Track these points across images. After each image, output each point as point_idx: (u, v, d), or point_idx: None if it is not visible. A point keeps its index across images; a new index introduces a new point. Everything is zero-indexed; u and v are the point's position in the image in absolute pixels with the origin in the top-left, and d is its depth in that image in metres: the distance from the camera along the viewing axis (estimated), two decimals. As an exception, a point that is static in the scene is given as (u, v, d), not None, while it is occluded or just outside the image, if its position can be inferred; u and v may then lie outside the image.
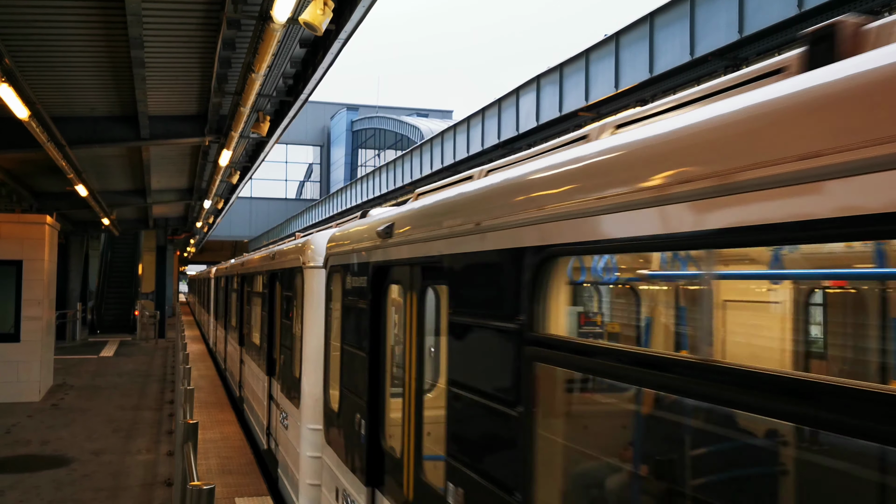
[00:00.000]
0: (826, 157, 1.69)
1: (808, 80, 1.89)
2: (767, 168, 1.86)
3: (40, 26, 10.17)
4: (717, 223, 2.05)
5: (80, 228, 31.89)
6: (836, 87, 1.77)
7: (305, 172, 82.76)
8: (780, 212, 1.83)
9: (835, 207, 1.67)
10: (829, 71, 1.87)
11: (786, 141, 1.85)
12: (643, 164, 2.44)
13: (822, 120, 1.77)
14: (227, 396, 17.99)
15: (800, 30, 13.96)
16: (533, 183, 3.23)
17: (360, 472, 5.78)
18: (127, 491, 9.98)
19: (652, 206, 2.30)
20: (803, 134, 1.80)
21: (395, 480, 5.12)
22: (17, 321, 16.75)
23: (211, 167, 19.90)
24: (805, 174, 1.74)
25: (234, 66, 11.99)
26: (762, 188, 1.87)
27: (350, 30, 10.11)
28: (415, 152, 38.69)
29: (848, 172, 1.63)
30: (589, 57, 21.14)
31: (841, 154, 1.65)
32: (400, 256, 5.00)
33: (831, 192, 1.68)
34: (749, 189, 1.92)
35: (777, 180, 1.83)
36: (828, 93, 1.79)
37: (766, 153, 1.88)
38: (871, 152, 1.58)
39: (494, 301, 3.44)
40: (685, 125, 2.33)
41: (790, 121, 1.88)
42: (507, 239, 3.29)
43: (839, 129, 1.70)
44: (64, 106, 14.08)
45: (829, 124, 1.74)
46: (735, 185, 1.97)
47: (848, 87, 1.74)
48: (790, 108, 1.90)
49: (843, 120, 1.70)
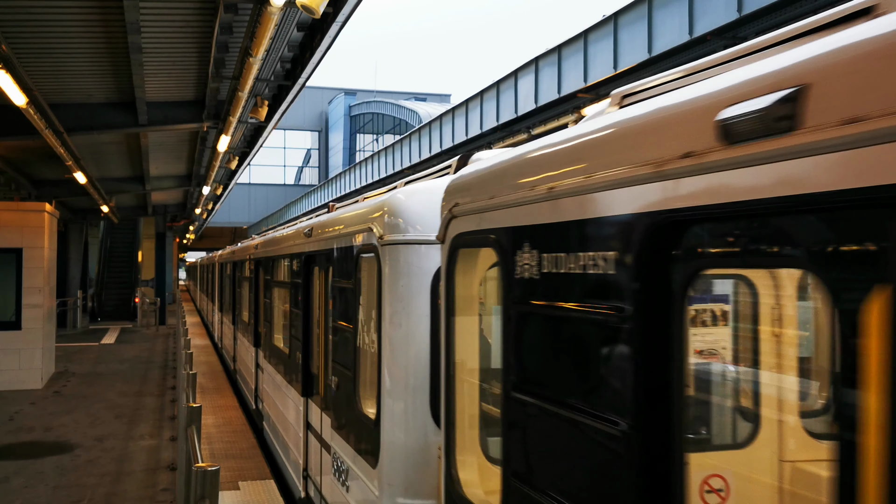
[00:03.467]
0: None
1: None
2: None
3: (37, 12, 10.12)
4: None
5: (79, 216, 31.88)
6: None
7: (304, 158, 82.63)
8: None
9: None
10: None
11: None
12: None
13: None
14: (227, 381, 18.03)
15: (798, 8, 13.95)
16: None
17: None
18: (131, 476, 10.03)
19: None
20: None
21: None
22: (17, 309, 16.80)
23: (209, 153, 19.84)
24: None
25: (232, 51, 11.94)
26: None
27: (348, 12, 10.06)
28: (413, 136, 38.63)
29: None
30: (587, 38, 21.06)
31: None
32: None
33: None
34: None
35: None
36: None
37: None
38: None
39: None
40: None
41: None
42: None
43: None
44: (61, 92, 14.03)
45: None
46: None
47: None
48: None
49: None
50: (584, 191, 2.72)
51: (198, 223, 47.99)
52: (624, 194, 2.47)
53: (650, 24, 18.12)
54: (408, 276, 5.32)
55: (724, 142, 2.00)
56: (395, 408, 5.35)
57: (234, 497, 9.23)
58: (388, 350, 5.38)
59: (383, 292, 5.41)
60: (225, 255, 23.14)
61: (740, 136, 1.92)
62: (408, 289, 5.31)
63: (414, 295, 5.29)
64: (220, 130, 15.63)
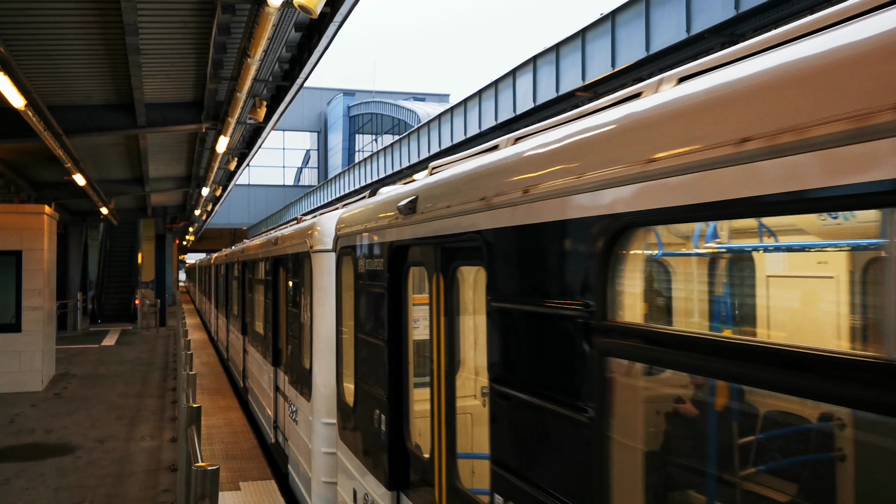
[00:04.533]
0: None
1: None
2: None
3: (35, 14, 10.12)
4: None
5: (78, 218, 31.85)
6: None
7: (303, 158, 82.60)
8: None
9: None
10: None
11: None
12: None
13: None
14: (228, 382, 18.04)
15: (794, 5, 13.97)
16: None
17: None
18: (132, 477, 10.04)
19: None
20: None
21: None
22: (17, 311, 16.81)
23: (208, 154, 19.84)
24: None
25: (230, 52, 11.94)
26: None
27: (345, 12, 10.06)
28: (412, 136, 38.61)
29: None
30: (585, 36, 21.06)
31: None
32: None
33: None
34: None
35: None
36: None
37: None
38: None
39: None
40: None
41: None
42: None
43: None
44: (60, 95, 14.03)
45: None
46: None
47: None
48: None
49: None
50: (377, 229, 5.63)
51: (197, 225, 47.96)
52: (387, 234, 5.35)
53: (647, 23, 18.13)
54: (324, 273, 8.02)
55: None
56: (319, 359, 8.04)
57: (235, 497, 9.23)
58: (315, 322, 8.12)
59: (313, 284, 8.23)
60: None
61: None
62: (324, 281, 8.04)
63: (327, 284, 7.92)
64: (219, 131, 15.64)
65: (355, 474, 6.25)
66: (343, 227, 6.89)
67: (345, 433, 6.77)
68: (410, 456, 5.12)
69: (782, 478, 3.03)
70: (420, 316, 5.13)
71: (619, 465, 2.59)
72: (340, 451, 6.95)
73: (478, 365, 4.90)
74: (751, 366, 1.99)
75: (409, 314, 5.20)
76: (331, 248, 7.70)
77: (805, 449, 3.08)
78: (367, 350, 5.93)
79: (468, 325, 4.80)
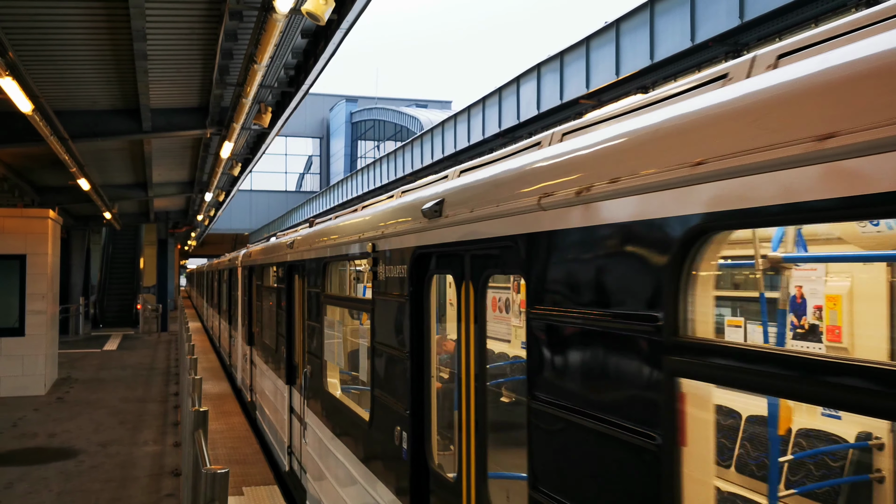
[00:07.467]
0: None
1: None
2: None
3: (43, 19, 10.17)
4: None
5: (81, 223, 31.89)
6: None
7: (305, 164, 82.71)
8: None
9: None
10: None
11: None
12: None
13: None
14: (230, 387, 18.04)
15: (799, 14, 14.01)
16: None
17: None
18: (135, 481, 10.04)
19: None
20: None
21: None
22: (21, 315, 16.82)
23: (212, 159, 19.89)
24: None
25: (236, 58, 11.99)
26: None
27: (352, 19, 10.10)
28: (415, 143, 38.64)
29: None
30: (589, 44, 21.11)
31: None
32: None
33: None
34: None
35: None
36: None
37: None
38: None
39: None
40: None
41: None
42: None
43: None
44: (66, 99, 14.08)
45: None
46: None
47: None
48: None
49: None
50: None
51: (199, 230, 48.00)
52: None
53: (652, 31, 18.17)
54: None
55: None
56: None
57: (238, 502, 9.24)
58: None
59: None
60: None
61: None
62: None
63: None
64: (224, 137, 15.67)
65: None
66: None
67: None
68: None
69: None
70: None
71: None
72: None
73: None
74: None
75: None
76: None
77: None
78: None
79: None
